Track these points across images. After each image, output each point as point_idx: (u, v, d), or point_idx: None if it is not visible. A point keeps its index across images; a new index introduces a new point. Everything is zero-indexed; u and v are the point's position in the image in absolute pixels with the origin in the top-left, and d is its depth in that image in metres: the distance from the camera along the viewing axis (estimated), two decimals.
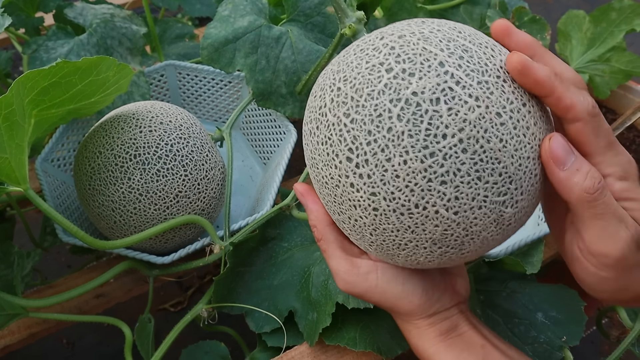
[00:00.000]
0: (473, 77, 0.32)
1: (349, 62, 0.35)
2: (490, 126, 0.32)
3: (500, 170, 0.32)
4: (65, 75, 0.49)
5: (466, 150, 0.31)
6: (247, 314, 0.59)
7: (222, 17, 0.68)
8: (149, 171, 0.56)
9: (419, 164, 0.32)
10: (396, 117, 0.32)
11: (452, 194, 0.32)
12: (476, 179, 0.32)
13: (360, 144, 0.33)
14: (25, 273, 0.62)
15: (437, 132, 0.31)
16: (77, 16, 0.73)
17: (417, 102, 0.32)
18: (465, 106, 0.31)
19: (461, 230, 0.34)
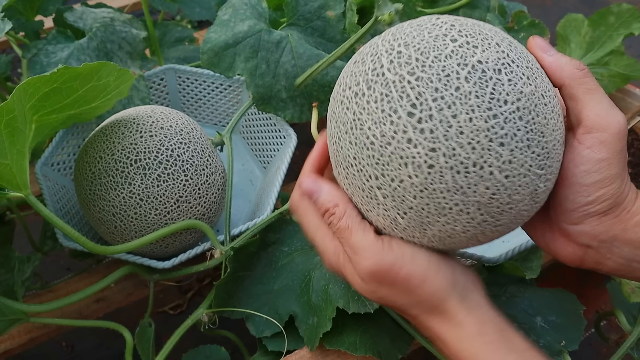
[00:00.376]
0: (522, 60, 0.36)
1: (407, 33, 0.37)
2: (539, 102, 0.35)
3: (544, 144, 0.35)
4: (66, 81, 0.49)
5: (522, 118, 0.35)
6: (248, 319, 0.59)
7: (222, 22, 0.68)
8: (149, 176, 0.57)
9: (483, 122, 0.34)
10: (464, 79, 0.34)
11: (507, 156, 0.35)
12: (527, 147, 0.35)
13: (425, 99, 0.34)
14: (26, 277, 0.62)
15: (500, 97, 0.34)
16: (77, 20, 0.73)
17: (483, 70, 0.35)
18: (521, 81, 0.35)
19: (506, 196, 0.36)
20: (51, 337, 0.66)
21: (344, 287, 0.56)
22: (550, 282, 0.83)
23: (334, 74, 0.67)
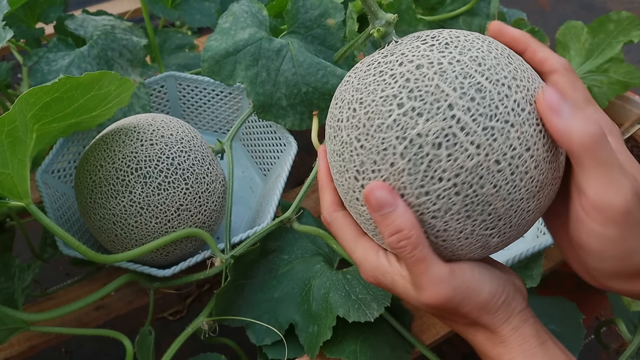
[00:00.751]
0: (480, 122, 0.33)
1: (367, 83, 0.36)
2: (486, 173, 0.33)
3: (490, 211, 0.34)
4: (67, 90, 0.49)
5: (459, 193, 0.34)
6: (248, 327, 0.59)
7: (223, 30, 0.68)
8: (150, 185, 0.57)
9: (414, 199, 0.35)
10: (399, 155, 0.34)
11: (441, 226, 0.36)
12: (465, 217, 0.35)
13: (366, 169, 0.36)
14: (26, 285, 0.62)
15: (434, 175, 0.34)
16: (78, 28, 0.73)
17: (420, 144, 0.33)
18: (465, 154, 0.33)
19: (447, 252, 0.38)
20: (51, 344, 0.66)
21: (344, 296, 0.56)
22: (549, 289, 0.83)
23: (334, 82, 0.67)
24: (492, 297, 0.38)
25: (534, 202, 0.36)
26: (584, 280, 0.41)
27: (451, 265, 0.38)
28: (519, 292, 0.40)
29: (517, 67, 0.35)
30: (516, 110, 0.34)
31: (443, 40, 0.36)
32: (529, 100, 0.34)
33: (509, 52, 0.37)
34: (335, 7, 0.71)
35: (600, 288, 0.39)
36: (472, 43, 0.36)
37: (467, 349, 0.44)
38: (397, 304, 0.63)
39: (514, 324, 0.39)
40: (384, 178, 0.35)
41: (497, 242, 0.37)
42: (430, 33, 0.38)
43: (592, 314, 1.13)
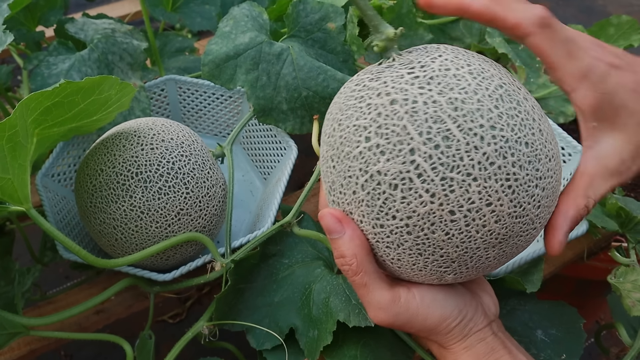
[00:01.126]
0: (439, 172, 0.33)
1: (348, 106, 0.36)
2: (438, 221, 0.34)
3: (442, 253, 0.35)
4: (68, 95, 0.49)
5: (410, 233, 0.34)
6: (248, 331, 0.59)
7: (224, 33, 0.68)
8: (150, 189, 0.57)
9: (371, 228, 0.36)
10: (360, 186, 0.35)
11: (395, 256, 0.36)
12: (417, 254, 0.35)
13: (335, 188, 0.38)
14: (26, 289, 0.62)
15: (388, 212, 0.34)
16: (78, 31, 0.73)
17: (379, 182, 0.34)
18: (418, 200, 0.33)
19: (405, 276, 0.39)
20: (51, 349, 0.65)
21: (345, 300, 0.56)
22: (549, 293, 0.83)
23: (334, 86, 0.67)
24: (443, 321, 0.40)
25: (495, 250, 0.35)
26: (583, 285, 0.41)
27: (398, 291, 0.40)
28: (480, 312, 0.42)
29: (504, 113, 0.33)
30: (483, 164, 0.32)
31: (429, 73, 0.35)
32: (503, 153, 0.33)
33: (503, 92, 0.34)
34: (335, 10, 0.71)
35: None
36: (458, 80, 0.34)
37: None
38: None
39: (467, 343, 0.41)
40: (347, 202, 0.37)
41: (453, 278, 0.38)
42: (423, 60, 0.36)
43: (592, 318, 1.13)
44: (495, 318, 0.43)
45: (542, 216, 0.36)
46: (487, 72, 0.35)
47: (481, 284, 0.45)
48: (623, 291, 0.61)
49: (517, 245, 0.36)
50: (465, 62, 0.35)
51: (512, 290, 0.61)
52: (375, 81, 0.36)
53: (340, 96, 0.38)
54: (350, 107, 0.36)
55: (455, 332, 0.40)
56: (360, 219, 0.36)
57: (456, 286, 0.42)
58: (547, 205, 0.36)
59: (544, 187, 0.35)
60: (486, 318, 0.42)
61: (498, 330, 0.43)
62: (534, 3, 0.38)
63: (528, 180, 0.34)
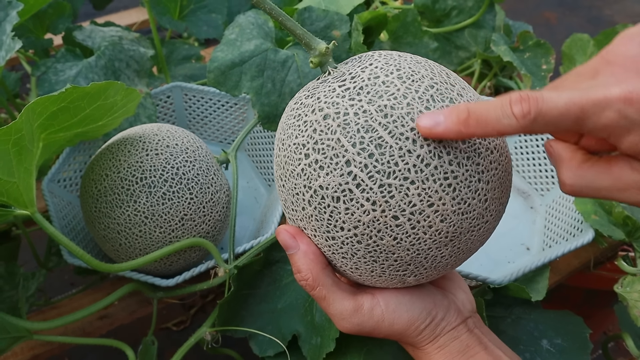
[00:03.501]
0: (376, 179, 0.33)
1: (288, 125, 0.37)
2: (384, 227, 0.34)
3: (395, 258, 0.35)
4: (74, 100, 0.49)
5: (360, 242, 0.35)
6: (251, 338, 0.59)
7: (229, 41, 0.68)
8: (155, 194, 0.57)
9: (324, 241, 0.37)
10: (307, 202, 0.36)
11: (353, 265, 0.37)
12: (372, 261, 0.36)
13: (287, 207, 0.38)
14: (30, 294, 0.62)
15: (336, 224, 0.35)
16: (86, 39, 0.74)
17: (322, 196, 0.35)
18: (361, 209, 0.34)
19: (368, 283, 0.39)
20: (54, 354, 0.65)
21: None
22: (556, 303, 0.82)
23: None
24: (412, 325, 0.40)
25: (448, 249, 0.36)
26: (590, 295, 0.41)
27: (361, 300, 0.40)
28: (453, 311, 0.42)
29: None
30: (419, 166, 0.33)
31: (359, 83, 0.35)
32: (438, 153, 0.33)
33: (434, 91, 0.34)
34: (340, 18, 0.71)
35: None
36: (387, 87, 0.34)
37: None
38: None
39: (440, 342, 0.41)
40: (299, 218, 0.37)
41: (415, 280, 0.38)
42: (354, 70, 0.36)
43: (600, 328, 1.12)
44: (471, 314, 0.43)
45: (492, 209, 0.36)
46: (417, 74, 0.35)
47: (454, 280, 0.45)
48: (630, 301, 0.60)
49: (472, 240, 0.36)
50: (394, 67, 0.35)
51: (517, 298, 0.61)
52: (310, 98, 0.37)
53: (283, 115, 0.39)
54: (290, 126, 0.37)
55: (426, 333, 0.41)
56: (313, 234, 0.37)
57: (425, 286, 0.42)
58: (496, 197, 0.36)
59: (488, 180, 0.35)
60: (460, 316, 0.42)
61: (474, 326, 0.42)
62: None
63: (469, 176, 0.34)
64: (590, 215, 0.63)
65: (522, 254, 0.73)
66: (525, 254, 0.72)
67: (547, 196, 0.77)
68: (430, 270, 0.37)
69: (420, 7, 0.89)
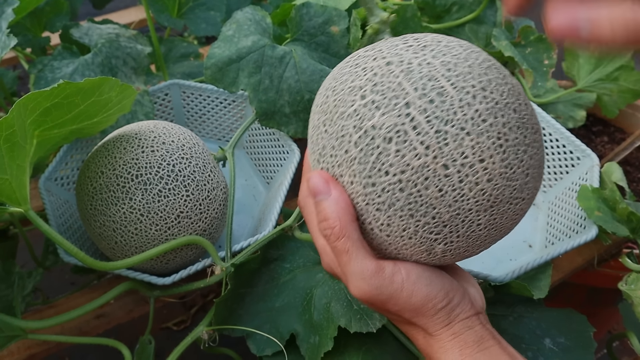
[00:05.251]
0: (434, 124, 0.33)
1: (343, 73, 0.38)
2: (432, 175, 0.34)
3: (434, 214, 0.35)
4: (67, 96, 0.49)
5: (403, 190, 0.34)
6: (248, 337, 0.58)
7: (226, 37, 0.68)
8: (150, 191, 0.56)
9: (362, 188, 0.36)
10: (353, 143, 0.35)
11: (385, 220, 0.36)
12: (408, 215, 0.35)
13: (325, 153, 0.37)
14: (26, 293, 0.61)
15: (382, 168, 0.34)
16: (83, 36, 0.74)
17: (373, 136, 0.34)
18: (412, 152, 0.34)
19: (392, 249, 0.38)
20: (51, 353, 0.65)
21: (346, 306, 0.55)
22: (559, 301, 0.81)
23: None
24: (429, 301, 0.38)
25: (486, 216, 0.35)
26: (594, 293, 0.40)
27: (383, 263, 0.38)
28: (467, 300, 0.40)
29: (493, 80, 0.35)
30: (476, 120, 0.33)
31: (423, 43, 0.36)
32: (494, 113, 0.34)
33: (491, 64, 0.36)
34: (339, 14, 0.70)
35: None
36: (450, 49, 0.36)
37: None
38: None
39: (455, 329, 0.39)
40: (338, 163, 0.36)
41: (443, 250, 0.37)
42: (417, 35, 0.38)
43: (604, 327, 1.10)
44: (482, 311, 0.42)
45: (529, 187, 0.36)
46: (475, 48, 0.37)
47: (465, 276, 0.43)
48: (635, 299, 0.59)
49: (506, 216, 0.36)
50: (455, 39, 0.37)
51: (519, 296, 0.60)
52: (370, 51, 0.38)
53: (333, 71, 0.40)
54: (345, 73, 0.37)
55: (442, 315, 0.39)
56: (350, 180, 0.36)
57: (442, 270, 0.41)
58: (534, 177, 0.36)
59: (531, 155, 0.35)
60: (473, 307, 0.40)
61: (486, 322, 0.41)
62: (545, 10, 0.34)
63: (517, 143, 0.34)
64: (594, 211, 0.62)
65: (524, 251, 0.72)
66: (527, 251, 0.71)
67: (550, 193, 0.76)
68: (461, 241, 0.36)
69: (420, 3, 0.88)
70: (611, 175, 0.68)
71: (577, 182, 0.70)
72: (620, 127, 0.94)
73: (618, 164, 0.70)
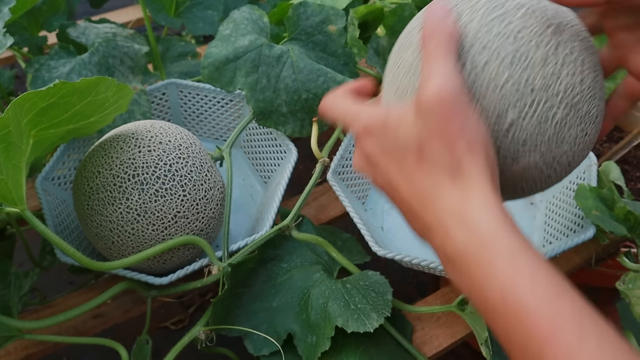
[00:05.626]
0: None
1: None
2: (543, 44, 0.36)
3: (527, 76, 0.35)
4: (63, 96, 0.49)
5: (514, 42, 0.36)
6: (246, 336, 0.58)
7: (223, 36, 0.68)
8: (147, 191, 0.56)
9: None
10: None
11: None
12: (509, 64, 0.35)
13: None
14: (23, 293, 0.61)
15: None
16: (80, 35, 0.73)
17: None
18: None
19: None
20: (48, 353, 0.65)
21: (343, 305, 0.55)
22: None
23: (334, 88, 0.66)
24: (489, 143, 0.34)
25: (564, 110, 0.36)
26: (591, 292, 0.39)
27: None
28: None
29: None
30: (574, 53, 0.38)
31: None
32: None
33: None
34: (336, 13, 0.70)
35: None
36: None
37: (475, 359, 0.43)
38: (398, 315, 0.62)
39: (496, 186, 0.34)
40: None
41: (511, 120, 0.35)
42: None
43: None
44: None
45: (593, 133, 0.39)
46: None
47: None
48: (632, 298, 0.59)
49: (572, 131, 0.37)
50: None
51: None
52: None
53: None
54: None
55: (493, 163, 0.34)
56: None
57: None
58: (596, 130, 0.39)
59: (600, 102, 0.39)
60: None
61: None
62: None
63: (593, 84, 0.38)
64: (591, 210, 0.61)
65: None
66: None
67: (547, 192, 0.76)
68: (532, 122, 0.36)
69: (418, 2, 0.88)
70: (609, 174, 0.68)
71: (574, 181, 0.70)
72: (618, 125, 0.94)
73: (616, 162, 0.70)
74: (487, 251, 0.31)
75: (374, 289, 0.57)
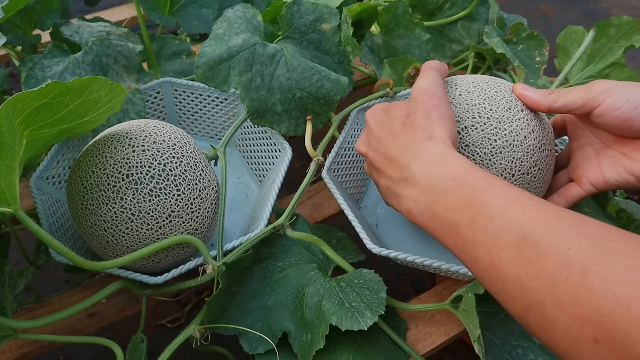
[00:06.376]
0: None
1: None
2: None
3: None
4: (56, 95, 0.49)
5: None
6: (241, 335, 0.58)
7: (217, 36, 0.67)
8: (141, 191, 0.56)
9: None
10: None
11: None
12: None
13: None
14: (18, 292, 0.61)
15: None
16: (74, 34, 0.73)
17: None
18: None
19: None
20: (44, 352, 0.65)
21: (338, 304, 0.55)
22: None
23: (329, 87, 0.67)
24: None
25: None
26: None
27: None
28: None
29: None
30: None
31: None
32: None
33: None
34: (330, 12, 0.70)
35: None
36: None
37: (469, 357, 0.43)
38: (392, 312, 0.62)
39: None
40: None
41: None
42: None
43: None
44: None
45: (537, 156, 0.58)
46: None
47: None
48: None
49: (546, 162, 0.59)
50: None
51: None
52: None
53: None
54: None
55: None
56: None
57: None
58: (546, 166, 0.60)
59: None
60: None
61: None
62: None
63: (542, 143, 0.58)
64: (583, 208, 0.62)
65: None
66: None
67: None
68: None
69: (412, 0, 0.88)
70: None
71: None
72: None
73: None
74: (457, 171, 0.45)
75: (368, 287, 0.57)
